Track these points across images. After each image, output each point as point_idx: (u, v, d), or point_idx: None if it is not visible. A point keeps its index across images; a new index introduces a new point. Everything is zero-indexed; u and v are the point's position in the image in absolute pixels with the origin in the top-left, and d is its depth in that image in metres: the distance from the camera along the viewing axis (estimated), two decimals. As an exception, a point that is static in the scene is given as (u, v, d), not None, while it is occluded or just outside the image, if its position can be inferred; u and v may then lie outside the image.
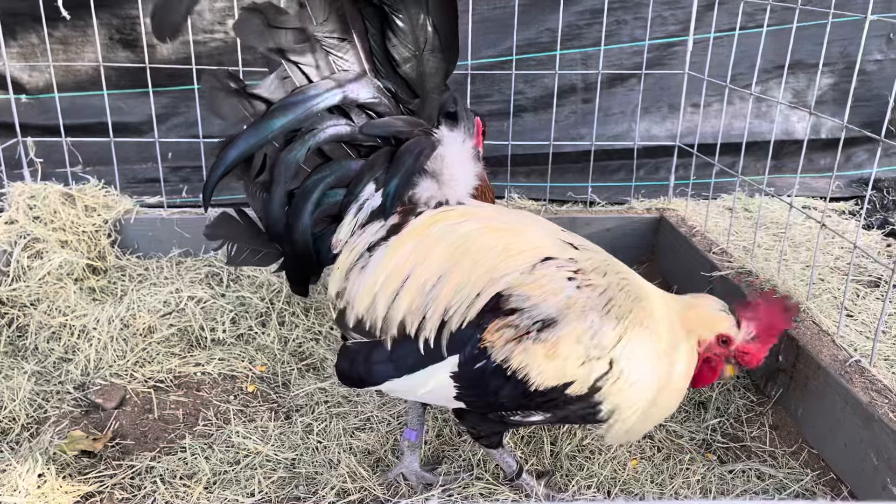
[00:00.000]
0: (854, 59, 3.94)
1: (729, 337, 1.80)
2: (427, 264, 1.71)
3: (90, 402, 2.43)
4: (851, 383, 2.07)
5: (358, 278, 1.76)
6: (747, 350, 1.81)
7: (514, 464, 2.03)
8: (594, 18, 3.85)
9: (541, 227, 1.83)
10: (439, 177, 1.78)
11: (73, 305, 2.77)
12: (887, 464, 1.91)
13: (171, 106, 4.00)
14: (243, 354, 2.71)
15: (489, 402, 1.74)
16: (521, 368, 1.64)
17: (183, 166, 3.96)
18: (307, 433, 2.31)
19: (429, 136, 1.76)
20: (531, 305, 1.64)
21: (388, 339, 1.74)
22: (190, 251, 3.26)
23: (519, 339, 1.64)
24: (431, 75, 1.72)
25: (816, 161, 4.10)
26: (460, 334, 1.67)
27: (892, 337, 2.57)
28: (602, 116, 4.00)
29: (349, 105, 1.70)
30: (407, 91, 1.74)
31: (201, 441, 2.27)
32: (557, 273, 1.69)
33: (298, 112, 1.68)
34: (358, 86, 1.69)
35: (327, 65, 1.69)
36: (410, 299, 1.70)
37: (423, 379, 1.73)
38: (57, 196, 3.09)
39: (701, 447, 2.28)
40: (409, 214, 1.77)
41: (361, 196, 1.76)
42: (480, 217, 1.79)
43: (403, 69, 1.70)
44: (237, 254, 1.84)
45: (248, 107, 1.70)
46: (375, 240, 1.76)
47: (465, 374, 1.68)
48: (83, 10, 3.22)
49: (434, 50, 1.69)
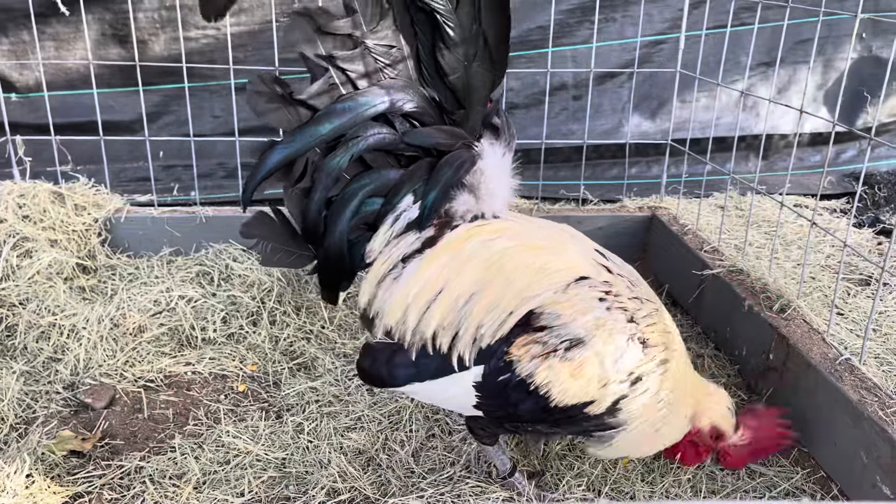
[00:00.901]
0: (829, 57, 3.99)
1: (723, 434, 1.94)
2: (460, 280, 1.70)
3: (79, 402, 2.42)
4: (841, 382, 2.08)
5: (390, 288, 1.76)
6: (732, 454, 1.99)
7: (507, 462, 2.03)
8: (584, 16, 3.85)
9: (576, 245, 1.82)
10: (477, 191, 1.77)
11: (62, 305, 2.75)
12: (877, 462, 1.92)
13: (163, 104, 3.97)
14: (234, 354, 2.70)
15: (507, 414, 1.75)
16: (545, 385, 1.65)
17: (174, 165, 3.94)
18: (298, 433, 2.31)
19: (469, 150, 1.74)
20: (561, 324, 1.65)
21: (415, 351, 1.74)
22: (181, 250, 3.25)
23: (545, 356, 1.64)
24: (478, 87, 1.69)
25: (807, 158, 4.12)
26: (488, 347, 1.68)
27: (882, 335, 2.58)
28: (592, 113, 4.01)
29: (394, 114, 1.69)
30: (452, 102, 1.72)
31: (191, 441, 2.26)
32: (589, 293, 1.69)
33: (345, 119, 1.66)
34: (404, 95, 1.68)
35: (375, 72, 1.68)
36: (442, 314, 1.69)
37: (445, 385, 1.73)
38: (46, 195, 3.07)
39: (692, 445, 2.28)
40: (445, 227, 1.77)
41: (399, 206, 1.75)
42: (515, 233, 1.78)
43: (451, 79, 1.67)
44: (271, 254, 1.82)
45: (292, 112, 1.69)
46: (410, 251, 1.75)
47: (487, 385, 1.69)
48: (77, 5, 3.19)
49: (483, 61, 1.66)
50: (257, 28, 3.70)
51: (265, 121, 1.73)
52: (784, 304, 2.44)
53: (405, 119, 1.72)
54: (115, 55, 3.80)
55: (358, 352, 2.65)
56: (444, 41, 1.63)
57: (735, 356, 2.62)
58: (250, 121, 3.75)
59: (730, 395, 2.44)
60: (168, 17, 3.70)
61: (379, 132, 1.70)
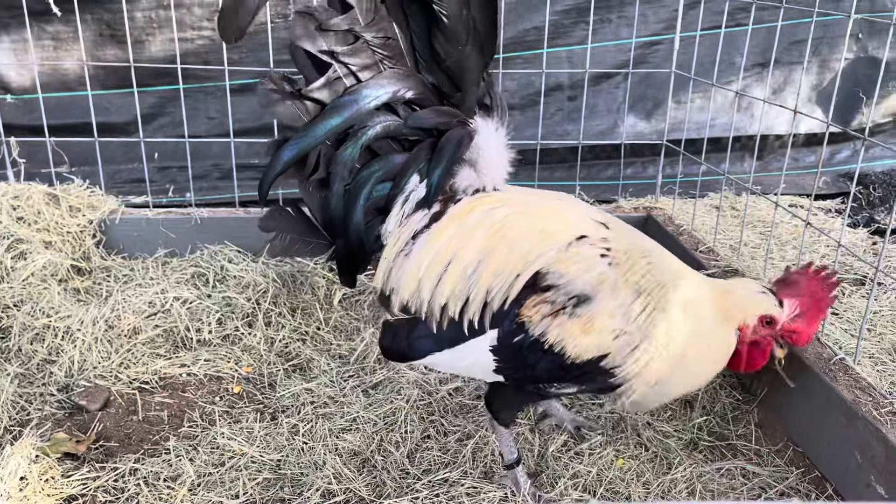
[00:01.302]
0: (825, 58, 3.99)
1: (773, 317, 1.81)
2: (466, 249, 1.79)
3: (74, 404, 2.41)
4: (836, 381, 2.08)
5: (403, 265, 1.84)
6: (795, 329, 1.82)
7: (515, 452, 2.05)
8: (580, 17, 3.86)
9: (574, 208, 1.90)
10: (476, 165, 1.85)
11: (57, 307, 2.75)
12: (871, 462, 1.92)
13: (159, 105, 3.97)
14: (229, 355, 2.70)
15: (526, 375, 1.79)
16: (558, 342, 1.70)
17: (169, 166, 3.94)
18: (293, 434, 2.30)
19: (466, 126, 1.82)
20: (566, 282, 1.71)
21: (434, 322, 1.81)
22: (176, 251, 3.25)
23: (555, 315, 1.70)
24: (471, 69, 1.77)
25: (802, 159, 4.13)
26: (500, 310, 1.74)
27: (877, 335, 2.58)
28: (588, 114, 4.01)
29: (397, 101, 1.77)
30: (449, 85, 1.80)
31: (186, 443, 2.26)
32: (591, 251, 1.75)
33: (352, 111, 1.75)
34: (405, 83, 1.76)
35: (375, 63, 1.76)
36: (453, 284, 1.78)
37: (463, 353, 1.80)
38: (41, 196, 3.06)
39: (687, 446, 2.28)
40: (449, 202, 1.85)
41: (407, 188, 1.83)
42: (515, 202, 1.86)
43: (446, 64, 1.76)
44: (289, 245, 1.92)
45: (301, 108, 1.77)
46: (419, 228, 1.83)
47: (503, 347, 1.75)
48: (75, 5, 3.18)
49: (474, 44, 1.74)
50: (253, 29, 3.68)
51: (277, 117, 1.81)
52: (779, 305, 2.44)
53: (407, 106, 1.79)
54: (112, 56, 3.79)
55: (353, 352, 2.69)
56: (438, 28, 1.71)
57: (730, 356, 2.61)
58: (245, 122, 3.76)
59: (725, 395, 2.46)
60: (166, 16, 3.70)
61: (384, 120, 1.78)
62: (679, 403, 2.46)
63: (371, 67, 1.77)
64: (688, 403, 2.46)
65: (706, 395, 2.47)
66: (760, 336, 1.84)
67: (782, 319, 1.82)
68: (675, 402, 2.45)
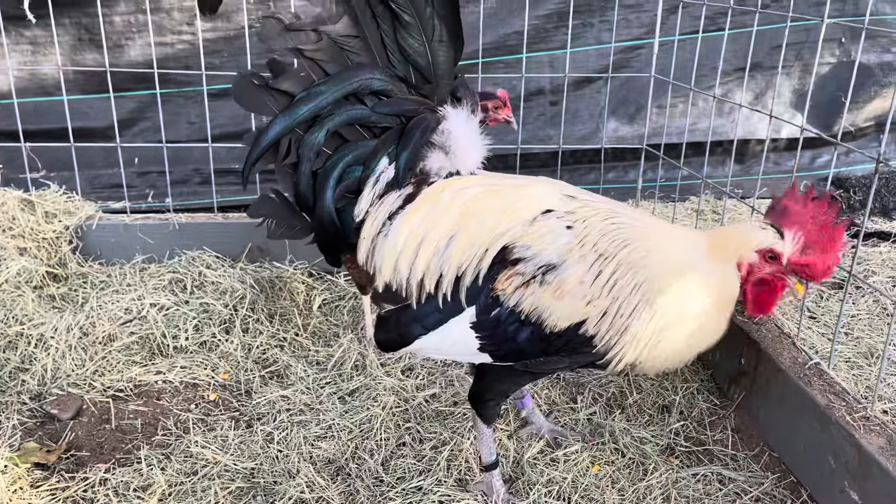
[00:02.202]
0: (807, 62, 4.00)
1: (774, 251, 1.71)
2: (439, 227, 1.85)
3: (45, 413, 2.38)
4: (810, 386, 2.08)
5: (382, 245, 1.91)
6: (807, 262, 1.70)
7: (494, 454, 2.06)
8: (561, 21, 3.85)
9: (542, 184, 1.94)
10: (447, 149, 1.93)
11: (31, 314, 2.72)
12: (845, 467, 1.91)
13: (139, 110, 3.93)
14: (206, 362, 2.67)
15: (511, 350, 1.81)
16: (533, 311, 1.74)
17: (149, 171, 3.90)
18: (268, 442, 2.28)
19: (434, 113, 1.92)
20: (533, 254, 1.75)
21: (413, 300, 1.87)
22: (154, 257, 3.22)
23: (527, 284, 1.74)
24: (440, 63, 1.89)
25: (783, 163, 4.13)
26: (475, 287, 1.79)
27: (854, 339, 2.59)
28: (570, 118, 4.00)
29: (363, 92, 1.88)
30: (419, 78, 1.91)
31: (159, 451, 2.24)
32: (557, 223, 1.78)
33: (319, 100, 1.87)
34: (371, 74, 1.88)
35: (342, 59, 1.88)
36: (427, 260, 1.84)
37: (447, 333, 1.83)
38: (16, 202, 3.04)
39: (664, 451, 2.28)
40: (423, 184, 1.93)
41: (377, 170, 1.92)
42: (486, 182, 1.93)
43: (414, 58, 1.87)
44: (276, 229, 2.04)
45: (271, 100, 1.90)
46: (394, 209, 1.91)
47: (483, 323, 1.78)
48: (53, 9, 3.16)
49: (441, 40, 1.86)
50: (233, 34, 3.67)
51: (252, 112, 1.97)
52: (755, 309, 2.44)
53: (375, 96, 1.89)
54: (92, 60, 3.76)
55: (331, 358, 2.67)
56: (402, 26, 1.83)
57: (708, 361, 2.61)
58: (226, 127, 3.73)
59: (703, 400, 2.45)
60: (145, 20, 3.67)
61: (351, 108, 1.89)
62: (657, 409, 2.45)
63: (338, 62, 1.88)
64: (665, 408, 2.46)
65: (683, 400, 2.47)
66: (767, 274, 1.74)
67: (787, 252, 1.70)
68: (652, 407, 2.45)
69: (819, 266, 1.70)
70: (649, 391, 2.52)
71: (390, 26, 1.84)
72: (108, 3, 3.59)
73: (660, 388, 2.53)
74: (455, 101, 1.95)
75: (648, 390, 2.53)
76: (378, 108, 1.89)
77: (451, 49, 1.87)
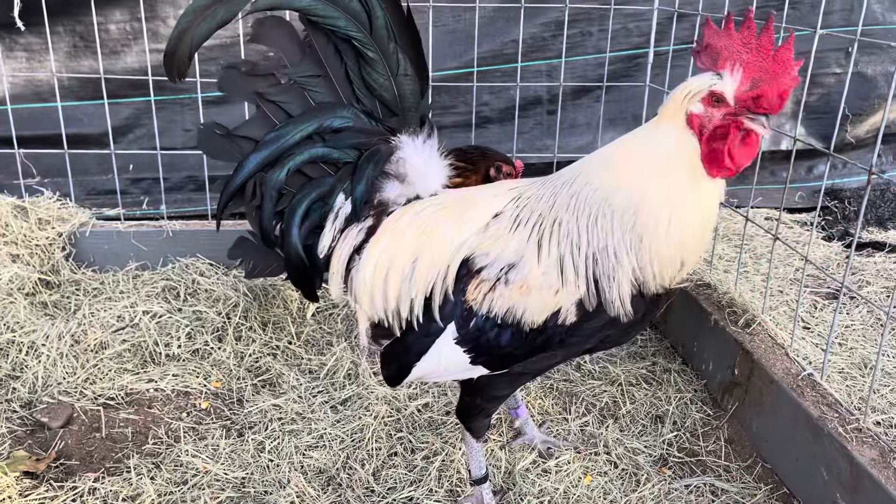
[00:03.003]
0: (812, 72, 3.99)
1: (715, 92, 1.56)
2: (401, 254, 1.86)
3: (35, 421, 2.37)
4: (803, 397, 2.07)
5: (355, 279, 1.93)
6: (756, 94, 1.52)
7: (483, 468, 2.04)
8: (559, 30, 3.85)
9: (489, 189, 1.95)
10: (403, 177, 1.94)
11: (22, 321, 2.71)
12: (837, 479, 1.91)
13: (134, 117, 3.92)
14: (198, 370, 2.66)
15: (501, 355, 1.79)
16: (507, 312, 1.72)
17: (144, 178, 3.89)
18: (259, 451, 2.27)
19: (387, 143, 1.93)
20: (493, 259, 1.74)
21: (397, 329, 1.88)
22: (147, 264, 3.22)
23: (493, 288, 1.72)
24: (407, 95, 1.92)
25: (778, 173, 4.12)
26: (449, 304, 1.78)
27: (847, 349, 2.58)
28: (567, 128, 4.00)
29: (324, 131, 1.92)
30: (386, 111, 1.94)
31: (149, 460, 2.22)
32: (506, 223, 1.77)
33: (277, 145, 1.90)
34: (331, 114, 1.91)
35: (303, 99, 1.91)
36: (397, 288, 1.86)
37: (437, 354, 1.82)
38: (9, 209, 3.03)
39: (657, 462, 2.27)
40: (382, 215, 1.94)
41: (335, 205, 1.94)
42: (441, 201, 1.93)
43: (380, 93, 1.90)
44: (254, 267, 2.11)
45: (236, 147, 1.94)
46: (358, 242, 1.93)
47: (465, 336, 1.78)
48: (44, 17, 3.16)
49: (406, 73, 1.89)
50: (228, 41, 3.67)
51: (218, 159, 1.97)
52: (749, 319, 2.44)
53: (335, 133, 1.92)
54: (87, 67, 3.75)
55: (323, 367, 2.67)
56: (367, 62, 1.86)
57: (702, 371, 2.61)
58: (221, 134, 3.73)
59: (696, 410, 2.45)
60: (141, 28, 3.67)
61: (311, 148, 1.92)
62: (650, 419, 2.44)
63: (299, 103, 1.92)
64: (658, 419, 2.45)
65: (677, 411, 2.46)
66: (721, 121, 1.56)
67: (729, 90, 1.54)
68: (645, 417, 2.44)
69: (770, 93, 1.52)
70: (643, 401, 2.52)
71: (355, 62, 1.88)
72: (104, 12, 3.59)
73: (653, 398, 2.53)
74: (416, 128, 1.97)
75: (642, 400, 2.52)
76: (332, 144, 1.93)
77: (416, 81, 1.91)
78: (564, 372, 2.68)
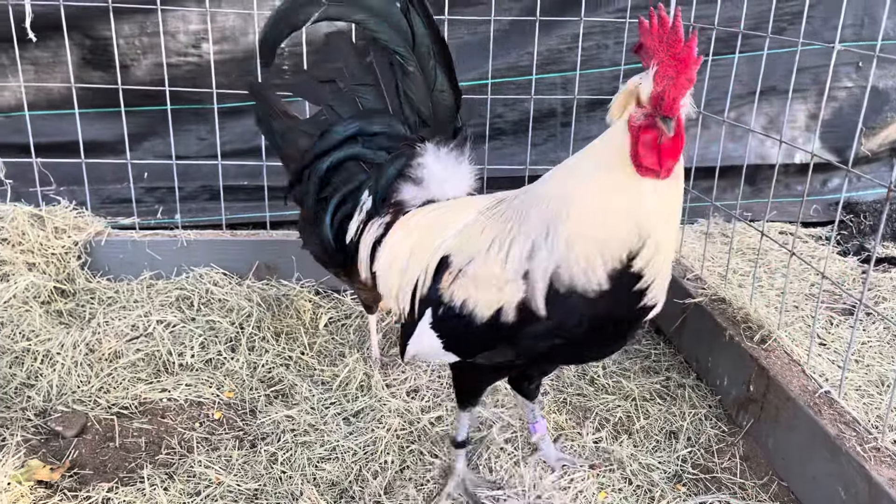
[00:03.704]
0: (824, 86, 3.98)
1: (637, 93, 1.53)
2: (403, 249, 2.05)
3: (50, 430, 2.38)
4: (820, 415, 2.05)
5: (375, 268, 2.15)
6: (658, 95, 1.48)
7: (464, 435, 2.17)
8: (575, 43, 3.85)
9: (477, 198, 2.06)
10: (421, 181, 2.13)
11: (37, 329, 2.72)
12: (855, 499, 1.88)
13: (149, 126, 3.94)
14: (211, 380, 2.66)
15: (472, 343, 1.86)
16: (465, 303, 1.80)
17: (158, 187, 3.91)
18: (271, 462, 2.27)
19: (411, 148, 2.14)
20: (460, 253, 1.85)
21: (398, 313, 2.08)
22: (161, 273, 3.23)
23: (455, 279, 1.83)
24: (442, 108, 2.17)
25: (793, 186, 4.10)
26: (428, 292, 1.92)
27: (864, 366, 2.56)
28: (581, 140, 3.97)
29: (364, 134, 2.20)
30: (419, 120, 2.19)
31: (162, 471, 2.22)
32: (479, 224, 1.86)
33: (327, 141, 2.20)
34: (371, 120, 2.19)
35: (353, 105, 2.23)
36: (398, 280, 2.05)
37: (420, 336, 1.94)
38: (26, 217, 3.05)
39: (672, 479, 2.25)
40: (399, 213, 2.13)
41: (360, 200, 2.19)
42: (447, 204, 2.08)
43: (417, 105, 2.16)
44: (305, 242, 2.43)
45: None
46: (378, 235, 2.15)
47: (436, 321, 1.89)
48: (53, 31, 3.18)
49: (443, 89, 2.15)
50: (241, 56, 3.69)
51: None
52: (765, 335, 2.42)
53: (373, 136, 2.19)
54: (97, 78, 3.78)
55: (336, 378, 2.66)
56: (406, 76, 2.14)
57: (716, 386, 2.59)
58: (235, 143, 3.75)
59: (710, 427, 2.43)
60: (149, 42, 3.69)
61: (350, 147, 2.21)
62: (664, 434, 2.42)
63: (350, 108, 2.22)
64: (672, 434, 2.43)
65: (691, 426, 2.44)
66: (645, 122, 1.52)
67: (644, 91, 1.50)
68: (659, 433, 2.42)
69: (668, 96, 1.46)
70: (657, 416, 2.50)
71: (400, 75, 2.14)
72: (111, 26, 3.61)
73: (667, 414, 2.51)
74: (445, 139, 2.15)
75: (656, 415, 2.50)
76: (367, 145, 2.20)
77: (451, 96, 2.16)
78: (578, 386, 2.67)
